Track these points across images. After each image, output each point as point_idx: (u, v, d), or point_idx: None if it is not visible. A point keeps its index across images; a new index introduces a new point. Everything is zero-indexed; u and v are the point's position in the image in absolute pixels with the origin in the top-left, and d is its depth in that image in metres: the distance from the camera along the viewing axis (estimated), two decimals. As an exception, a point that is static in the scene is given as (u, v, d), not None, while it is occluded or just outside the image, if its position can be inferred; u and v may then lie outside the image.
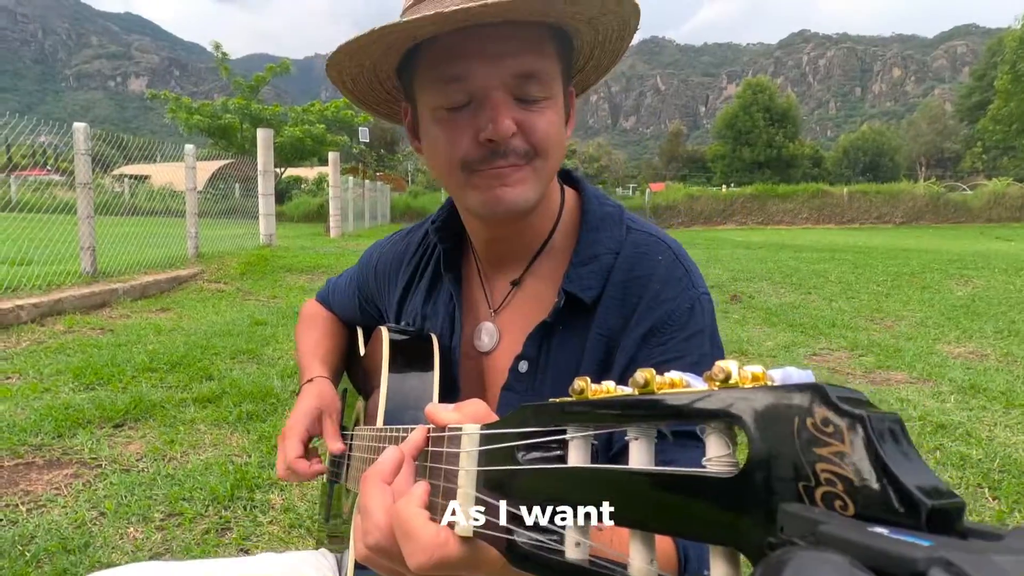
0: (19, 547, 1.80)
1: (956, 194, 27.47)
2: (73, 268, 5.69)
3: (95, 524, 1.94)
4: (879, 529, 0.20)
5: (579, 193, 0.86)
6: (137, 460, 2.38)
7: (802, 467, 0.22)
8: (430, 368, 0.80)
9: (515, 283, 0.84)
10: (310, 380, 0.94)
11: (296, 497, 2.16)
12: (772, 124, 58.48)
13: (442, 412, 0.51)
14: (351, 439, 0.89)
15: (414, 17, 0.64)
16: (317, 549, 1.01)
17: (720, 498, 0.25)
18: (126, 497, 2.09)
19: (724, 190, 33.58)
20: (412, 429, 0.56)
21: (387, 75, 0.80)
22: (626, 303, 0.76)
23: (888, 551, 0.18)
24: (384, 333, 0.85)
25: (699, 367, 0.70)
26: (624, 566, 0.31)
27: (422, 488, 0.49)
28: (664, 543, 0.59)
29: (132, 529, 1.92)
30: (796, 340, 4.65)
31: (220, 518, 2.00)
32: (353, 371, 1.06)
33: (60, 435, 2.55)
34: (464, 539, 0.44)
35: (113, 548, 1.82)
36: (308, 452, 0.87)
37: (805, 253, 10.38)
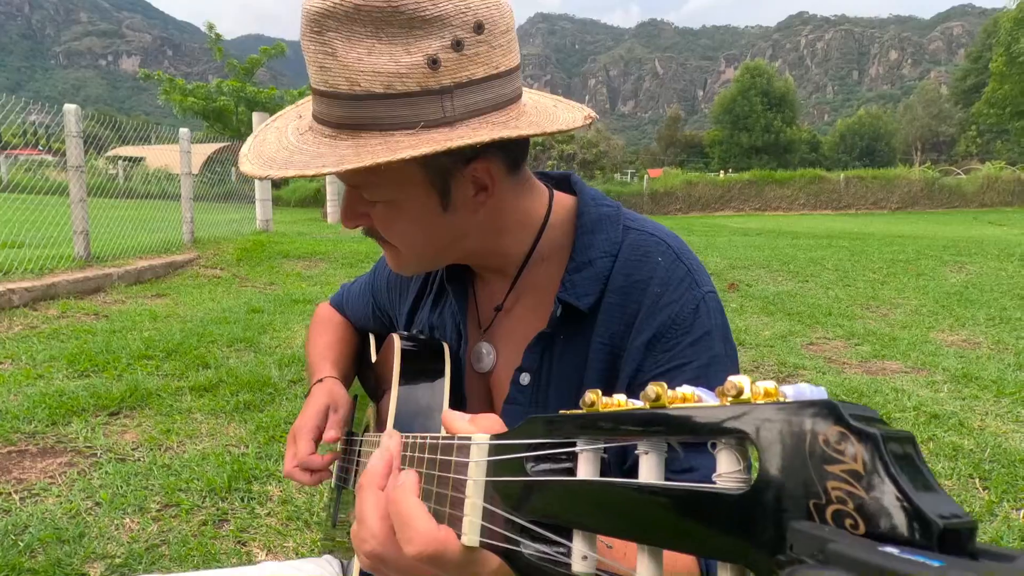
0: (12, 536, 1.80)
1: (950, 179, 27.46)
2: (66, 252, 5.64)
3: (90, 514, 1.94)
4: (890, 548, 0.20)
5: (577, 198, 0.84)
6: (133, 449, 2.38)
7: (813, 485, 0.22)
8: (441, 376, 0.80)
9: (498, 309, 0.83)
10: (320, 380, 0.94)
11: (294, 489, 2.15)
12: (770, 108, 58.28)
13: (457, 421, 0.52)
14: (360, 444, 0.89)
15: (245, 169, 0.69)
16: (321, 556, 1.00)
17: (729, 515, 0.25)
18: (122, 487, 2.08)
19: (722, 176, 33.47)
20: (420, 436, 0.55)
21: None
22: (627, 309, 0.74)
23: (898, 570, 0.18)
24: (396, 340, 0.84)
25: (711, 369, 0.70)
26: None
27: (412, 476, 0.49)
28: (687, 556, 0.58)
29: (128, 520, 1.92)
30: (793, 329, 4.66)
31: (217, 509, 2.00)
32: (364, 377, 1.06)
33: (54, 422, 2.54)
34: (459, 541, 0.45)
35: (108, 539, 1.81)
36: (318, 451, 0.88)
37: (802, 240, 10.39)
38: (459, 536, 0.44)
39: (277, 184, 22.60)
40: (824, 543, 0.21)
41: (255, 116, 9.13)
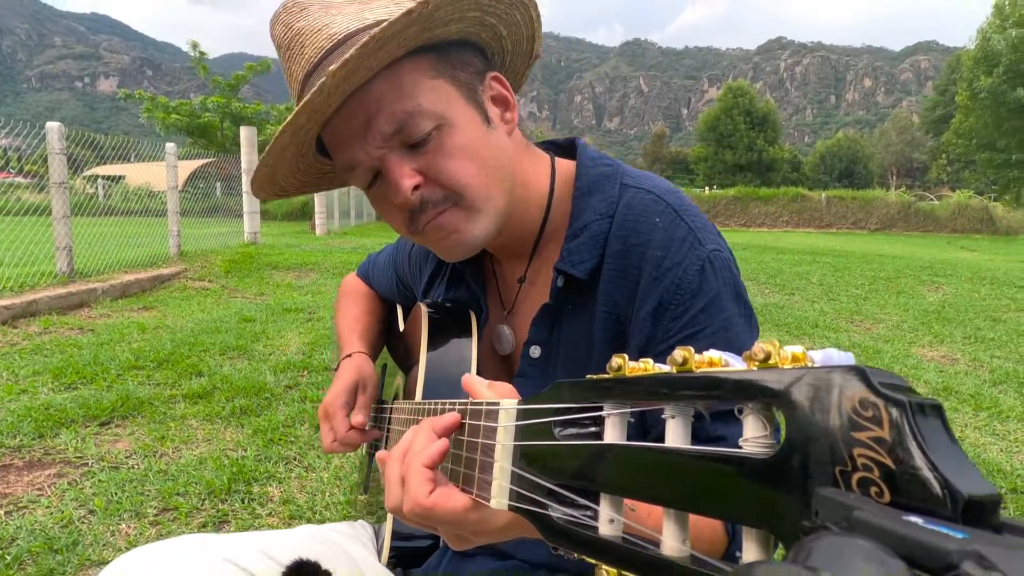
0: (-1, 550, 1.73)
1: (925, 203, 28.19)
2: (48, 269, 5.52)
3: (83, 522, 1.88)
4: (914, 518, 0.19)
5: (576, 162, 0.81)
6: (127, 457, 2.32)
7: (839, 451, 0.22)
8: (468, 342, 0.79)
9: (521, 280, 0.82)
10: (348, 355, 0.95)
11: (295, 489, 2.12)
12: (753, 128, 59.27)
13: (478, 385, 0.53)
14: (390, 412, 0.89)
15: (274, 139, 0.67)
16: (356, 521, 1.00)
17: (755, 479, 0.25)
18: (116, 494, 2.02)
19: (707, 192, 33.95)
20: (449, 402, 0.56)
21: (319, 167, 0.80)
22: (627, 275, 0.71)
23: (921, 541, 0.18)
24: (423, 309, 0.84)
25: (727, 332, 0.68)
26: (657, 544, 0.31)
27: (437, 448, 0.51)
28: (713, 521, 0.59)
29: (124, 525, 1.87)
30: (782, 339, 4.70)
31: (217, 511, 1.96)
32: (393, 346, 1.06)
33: (41, 435, 2.46)
34: (464, 501, 0.48)
35: (104, 545, 1.76)
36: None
37: (787, 255, 10.53)
38: (488, 499, 0.45)
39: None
40: (849, 510, 0.20)
41: (243, 130, 9.09)
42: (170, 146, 7.54)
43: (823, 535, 0.20)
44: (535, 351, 0.77)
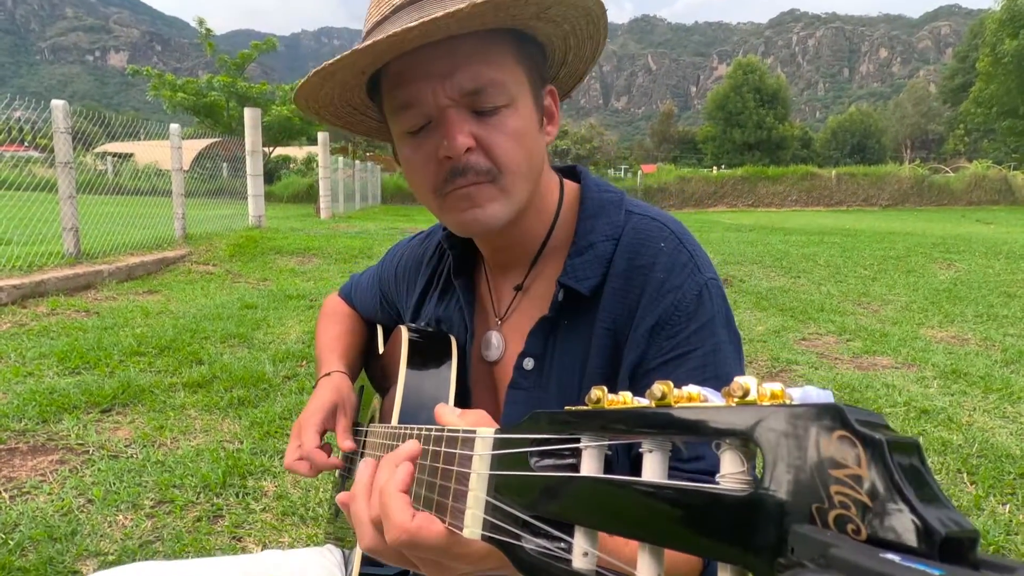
0: (2, 535, 1.78)
1: (939, 176, 27.72)
2: (55, 249, 5.58)
3: (82, 511, 1.92)
4: (891, 556, 0.19)
5: (580, 184, 0.84)
6: (126, 446, 2.36)
7: (816, 489, 0.22)
8: (447, 369, 0.80)
9: (518, 288, 0.83)
10: (327, 374, 0.95)
11: (289, 484, 2.15)
12: (762, 105, 58.43)
13: (447, 415, 0.53)
14: (365, 436, 0.89)
15: (348, 53, 0.66)
16: (323, 545, 1.01)
17: (731, 516, 0.25)
18: (114, 484, 2.07)
19: (715, 172, 33.61)
20: (425, 427, 0.56)
21: (360, 101, 0.80)
22: (629, 294, 0.74)
23: None
24: (404, 332, 0.85)
25: (716, 356, 0.71)
26: None
27: (404, 470, 0.51)
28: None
29: (121, 516, 1.91)
30: (786, 324, 4.69)
31: (212, 505, 1.99)
32: (371, 368, 1.06)
33: (45, 420, 2.51)
34: (441, 528, 0.47)
35: (101, 536, 1.80)
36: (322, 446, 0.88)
37: (794, 236, 10.43)
38: (460, 528, 0.44)
39: (269, 179, 22.47)
40: (826, 548, 0.21)
41: (247, 111, 9.04)
42: (174, 127, 7.50)
43: (799, 573, 0.20)
44: (528, 363, 0.78)
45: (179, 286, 5.48)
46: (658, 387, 0.31)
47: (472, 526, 0.44)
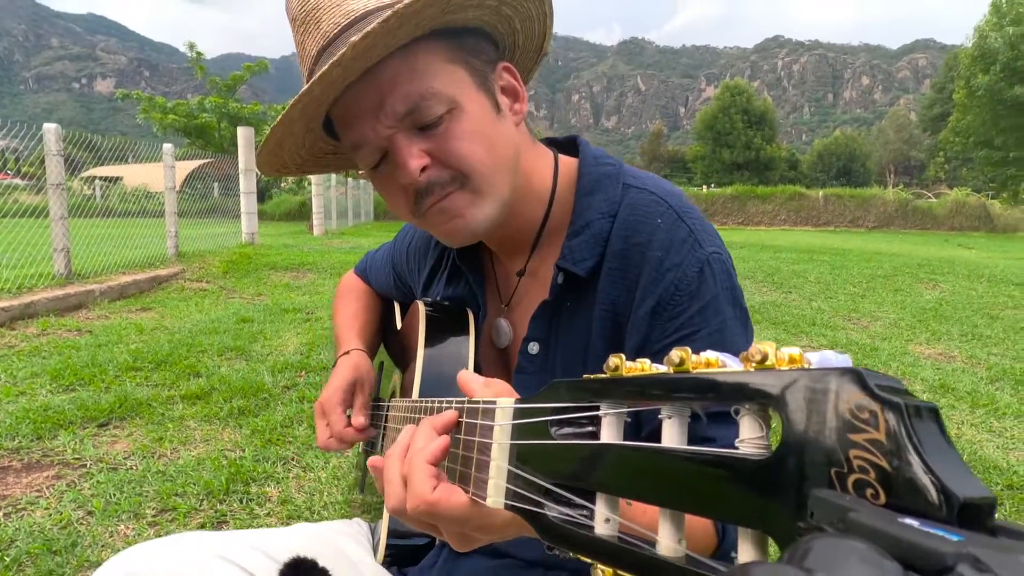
0: (-3, 553, 1.73)
1: (922, 201, 28.29)
2: (45, 270, 5.50)
3: (82, 523, 1.88)
4: (909, 520, 0.19)
5: (579, 159, 0.82)
6: (125, 458, 2.32)
7: (835, 453, 0.22)
8: (466, 342, 0.80)
9: (520, 273, 0.82)
10: (346, 353, 0.95)
11: (293, 489, 2.12)
12: (750, 126, 59.34)
13: (473, 383, 0.52)
14: (387, 410, 0.89)
15: (285, 111, 0.67)
16: (352, 519, 1.00)
17: (751, 480, 0.25)
18: (115, 495, 2.02)
19: (705, 190, 34.02)
20: (446, 400, 0.56)
21: (328, 145, 0.81)
22: (627, 274, 0.72)
23: (917, 543, 0.18)
24: (421, 307, 0.85)
25: (723, 335, 0.68)
26: (653, 544, 0.31)
27: (439, 444, 0.50)
28: (704, 520, 0.60)
29: (123, 526, 1.87)
30: (779, 337, 4.74)
31: (216, 512, 1.96)
32: (390, 344, 1.06)
33: (39, 437, 2.46)
34: (467, 498, 0.47)
35: (103, 546, 1.76)
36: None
37: (784, 253, 10.54)
38: (484, 498, 0.45)
39: (261, 198, 22.43)
40: (845, 512, 0.21)
41: (240, 131, 9.08)
42: (167, 147, 7.52)
43: (818, 536, 0.20)
44: (533, 347, 0.77)
45: (173, 303, 5.44)
46: (676, 353, 0.31)
47: (495, 496, 0.44)
